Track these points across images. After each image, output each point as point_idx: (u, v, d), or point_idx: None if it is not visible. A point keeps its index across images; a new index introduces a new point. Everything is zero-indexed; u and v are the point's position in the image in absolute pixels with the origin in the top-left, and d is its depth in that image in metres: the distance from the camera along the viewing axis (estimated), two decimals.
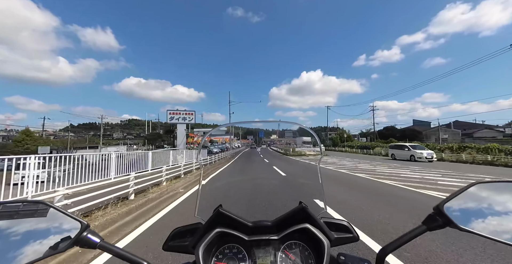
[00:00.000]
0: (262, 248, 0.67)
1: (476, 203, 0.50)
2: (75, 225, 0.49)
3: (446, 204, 0.51)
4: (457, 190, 0.52)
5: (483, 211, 0.48)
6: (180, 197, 5.95)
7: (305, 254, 0.66)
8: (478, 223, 0.48)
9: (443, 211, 0.50)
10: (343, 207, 4.63)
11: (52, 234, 0.46)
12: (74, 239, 0.48)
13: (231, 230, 0.65)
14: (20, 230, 0.44)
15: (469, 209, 0.50)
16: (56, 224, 0.48)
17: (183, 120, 30.42)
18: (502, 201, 0.47)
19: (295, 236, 0.67)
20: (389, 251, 0.53)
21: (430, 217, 0.52)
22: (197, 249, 0.60)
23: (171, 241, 0.67)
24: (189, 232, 0.68)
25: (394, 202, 5.14)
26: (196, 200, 0.77)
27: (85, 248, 0.49)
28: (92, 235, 0.50)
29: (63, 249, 0.46)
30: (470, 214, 0.49)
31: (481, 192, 0.50)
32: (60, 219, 0.49)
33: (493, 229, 0.46)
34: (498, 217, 0.46)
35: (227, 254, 0.66)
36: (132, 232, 3.46)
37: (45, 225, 0.47)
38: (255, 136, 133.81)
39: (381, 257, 0.54)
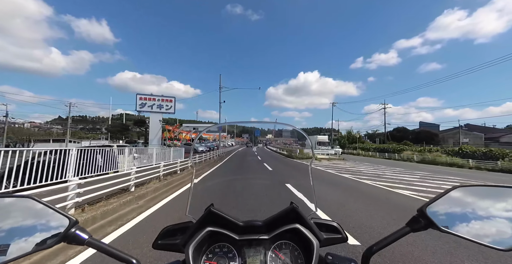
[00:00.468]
0: (252, 248, 0.69)
1: (457, 206, 0.53)
2: (63, 221, 0.50)
3: (429, 206, 0.53)
4: (440, 193, 0.54)
5: (463, 213, 0.51)
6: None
7: (294, 254, 0.68)
8: (459, 225, 0.51)
9: (426, 213, 0.53)
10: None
11: (40, 229, 0.48)
12: (62, 235, 0.49)
13: (222, 229, 0.67)
14: (7, 224, 0.45)
15: (451, 211, 0.52)
16: (44, 219, 0.49)
17: (158, 109, 21.12)
18: (482, 205, 0.50)
19: (286, 236, 0.69)
20: (375, 251, 0.55)
21: (414, 219, 0.55)
22: (187, 247, 0.62)
23: (161, 239, 0.68)
24: (179, 230, 0.69)
25: None
26: (188, 199, 0.78)
27: (73, 245, 0.51)
28: (80, 232, 0.52)
29: (50, 244, 0.48)
30: (451, 217, 0.52)
31: (462, 195, 0.53)
32: (48, 214, 0.50)
33: (472, 231, 0.49)
34: (478, 220, 0.49)
35: (218, 253, 0.68)
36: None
37: (33, 220, 0.48)
38: (250, 134, 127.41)
39: (366, 257, 0.56)
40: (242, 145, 73.73)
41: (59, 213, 0.51)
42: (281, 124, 0.93)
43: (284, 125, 0.80)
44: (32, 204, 0.49)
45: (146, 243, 2.95)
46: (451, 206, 0.53)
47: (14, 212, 0.47)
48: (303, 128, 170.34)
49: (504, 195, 0.50)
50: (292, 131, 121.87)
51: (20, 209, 0.48)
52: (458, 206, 0.53)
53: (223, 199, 5.47)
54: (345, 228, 2.91)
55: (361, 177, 10.09)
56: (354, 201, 5.49)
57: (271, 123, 1.28)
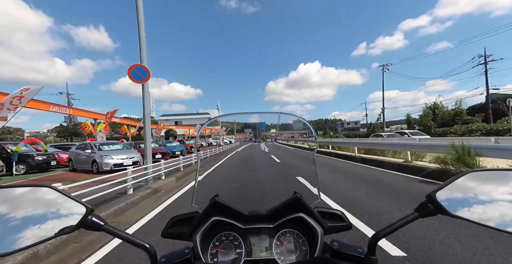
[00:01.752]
0: (257, 236, 0.71)
1: (469, 191, 0.51)
2: (81, 209, 0.54)
3: (438, 192, 0.53)
4: (450, 179, 0.53)
5: (476, 199, 0.50)
6: None
7: (299, 242, 0.70)
8: (470, 210, 0.50)
9: (435, 199, 0.52)
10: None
11: (59, 216, 0.51)
12: (80, 221, 0.52)
13: (227, 218, 0.69)
14: (28, 212, 0.48)
15: (462, 196, 0.52)
16: (63, 207, 0.52)
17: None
18: (494, 189, 0.49)
19: (290, 224, 0.70)
20: (381, 236, 0.56)
21: (422, 205, 0.54)
22: (194, 236, 0.65)
23: (169, 229, 0.71)
24: (186, 220, 0.72)
25: None
26: (194, 190, 0.83)
27: (90, 230, 0.54)
28: (96, 219, 0.55)
29: (70, 230, 0.51)
30: (462, 202, 0.51)
31: (474, 180, 0.52)
32: (67, 203, 0.53)
33: (484, 215, 0.48)
34: (490, 204, 0.48)
35: (224, 241, 0.70)
36: None
37: (53, 208, 0.51)
38: (254, 130, 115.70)
39: (373, 243, 0.56)
40: (245, 142, 60.35)
41: (76, 201, 0.54)
42: (285, 114, 0.98)
43: (288, 118, 0.79)
44: (50, 193, 0.52)
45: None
46: (462, 191, 0.52)
47: (34, 200, 0.50)
48: (302, 122, 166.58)
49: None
50: (299, 123, 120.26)
51: (40, 197, 0.51)
52: (469, 191, 0.52)
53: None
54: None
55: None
56: None
57: (275, 113, 1.17)
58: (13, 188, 0.50)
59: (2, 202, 0.47)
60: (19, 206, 0.48)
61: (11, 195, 0.49)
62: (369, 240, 0.56)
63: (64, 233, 0.50)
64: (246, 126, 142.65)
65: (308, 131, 71.16)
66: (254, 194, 5.19)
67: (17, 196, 0.49)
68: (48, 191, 0.52)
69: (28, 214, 0.48)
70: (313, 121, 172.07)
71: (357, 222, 3.24)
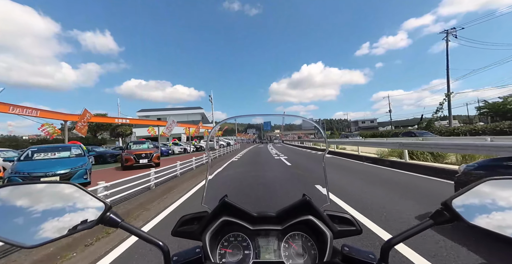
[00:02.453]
0: (265, 238, 0.70)
1: (486, 200, 0.50)
2: (100, 206, 0.56)
3: (454, 199, 0.52)
4: (467, 186, 0.52)
5: (493, 207, 0.49)
6: None
7: (307, 245, 0.69)
8: (487, 218, 0.48)
9: (451, 207, 0.51)
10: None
11: (81, 212, 0.53)
12: (99, 218, 0.54)
13: (236, 219, 0.69)
14: (54, 208, 0.51)
15: (479, 205, 0.50)
16: (83, 204, 0.55)
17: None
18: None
19: (299, 227, 0.70)
20: (394, 243, 0.55)
21: (438, 212, 0.53)
22: (204, 235, 0.65)
23: (179, 227, 0.71)
24: (196, 219, 0.72)
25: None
26: (203, 190, 0.83)
27: (108, 227, 0.56)
28: (114, 216, 0.56)
29: (90, 226, 0.53)
30: (479, 210, 0.50)
31: (492, 188, 0.50)
32: (87, 199, 0.55)
33: (502, 224, 0.46)
34: (509, 213, 0.47)
35: (232, 242, 0.70)
36: None
37: (75, 204, 0.54)
38: (257, 130, 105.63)
39: (385, 249, 0.55)
40: (248, 144, 51.29)
41: (96, 198, 0.56)
42: (289, 116, 0.88)
43: (292, 118, 0.76)
44: (73, 190, 0.54)
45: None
46: (480, 199, 0.51)
47: (58, 197, 0.52)
48: (308, 122, 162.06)
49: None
50: (305, 123, 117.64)
51: (63, 194, 0.53)
52: (488, 199, 0.50)
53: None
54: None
55: None
56: None
57: (279, 115, 1.01)
58: (37, 184, 0.52)
59: (27, 197, 0.49)
60: (42, 201, 0.50)
61: (36, 191, 0.51)
62: (382, 246, 0.55)
63: (85, 229, 0.52)
64: (249, 127, 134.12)
65: (318, 133, 67.22)
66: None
67: (41, 192, 0.51)
68: (70, 188, 0.54)
69: (50, 209, 0.50)
70: (317, 121, 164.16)
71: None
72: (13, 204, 0.47)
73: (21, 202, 0.48)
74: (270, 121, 54.05)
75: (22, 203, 0.48)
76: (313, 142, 28.65)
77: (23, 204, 0.48)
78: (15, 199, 0.48)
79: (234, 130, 61.46)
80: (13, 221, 0.46)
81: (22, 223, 0.46)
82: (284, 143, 51.05)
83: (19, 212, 0.47)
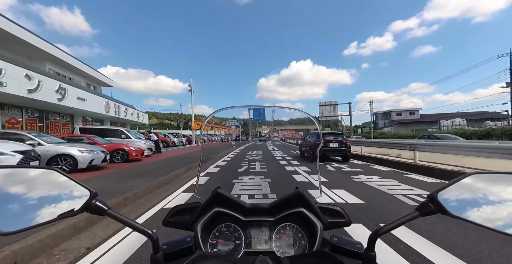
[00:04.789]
0: (257, 228, 0.71)
1: (471, 193, 0.52)
2: (85, 193, 0.54)
3: (440, 192, 0.54)
4: (452, 180, 0.54)
5: (476, 200, 0.51)
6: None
7: (298, 236, 0.70)
8: (470, 211, 0.50)
9: (436, 199, 0.53)
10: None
11: (64, 199, 0.51)
12: (83, 205, 0.53)
13: (228, 210, 0.70)
14: (35, 194, 0.48)
15: (463, 198, 0.52)
16: (68, 191, 0.53)
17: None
18: (496, 192, 0.50)
19: (290, 219, 0.71)
20: (381, 234, 0.56)
21: (423, 204, 0.55)
22: (195, 225, 0.66)
23: (171, 218, 0.71)
24: (188, 210, 0.72)
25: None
26: (196, 181, 0.86)
27: (94, 214, 0.54)
28: (100, 203, 0.55)
29: (74, 213, 0.51)
30: (463, 203, 0.52)
31: (476, 182, 0.53)
32: (71, 186, 0.53)
33: (483, 216, 0.49)
34: (491, 206, 0.49)
35: (224, 232, 0.71)
36: None
37: (57, 191, 0.51)
38: (245, 125, 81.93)
39: (372, 239, 0.57)
40: (226, 147, 23.95)
41: (81, 185, 0.54)
42: (282, 107, 0.93)
43: (281, 114, 0.73)
44: (55, 176, 0.52)
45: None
46: (464, 192, 0.53)
47: (40, 183, 0.50)
48: (298, 118, 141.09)
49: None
50: (300, 120, 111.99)
51: (45, 180, 0.51)
52: (471, 192, 0.52)
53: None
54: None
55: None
56: None
57: (270, 106, 1.33)
58: (21, 169, 0.49)
59: (9, 182, 0.46)
60: (25, 187, 0.48)
61: (18, 176, 0.48)
62: (369, 236, 0.57)
63: (68, 216, 0.50)
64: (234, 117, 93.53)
65: (319, 130, 59.09)
66: None
67: (24, 177, 0.49)
68: (54, 174, 0.52)
69: (33, 196, 0.48)
70: (306, 119, 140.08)
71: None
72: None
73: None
74: (264, 108, 32.50)
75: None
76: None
77: (0, 188, 0.45)
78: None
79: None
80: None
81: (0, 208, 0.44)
82: (285, 141, 41.54)
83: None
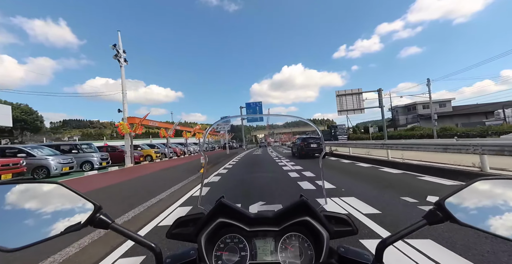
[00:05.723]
0: (262, 239, 0.70)
1: (478, 199, 0.51)
2: (89, 207, 0.53)
3: (447, 199, 0.52)
4: (459, 186, 0.53)
5: (485, 207, 0.50)
6: None
7: (304, 246, 0.69)
8: (479, 218, 0.49)
9: (444, 206, 0.52)
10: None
11: (68, 213, 0.51)
12: (88, 219, 0.52)
13: (232, 220, 0.68)
14: (37, 209, 0.48)
15: (471, 204, 0.51)
16: (72, 204, 0.52)
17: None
18: (505, 198, 0.49)
19: (296, 228, 0.70)
20: (388, 243, 0.55)
21: (431, 212, 0.54)
22: (199, 237, 0.64)
23: (174, 230, 0.70)
24: (192, 221, 0.71)
25: None
26: (200, 191, 0.85)
27: (98, 228, 0.53)
28: (104, 217, 0.54)
29: (78, 227, 0.51)
30: (471, 210, 0.51)
31: (484, 188, 0.51)
32: (75, 200, 0.53)
33: (494, 224, 0.47)
34: (501, 213, 0.48)
35: (229, 243, 0.69)
36: None
37: (61, 205, 0.51)
38: (236, 131, 72.78)
39: (380, 249, 0.56)
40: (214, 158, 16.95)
41: (85, 199, 0.54)
42: (276, 115, 0.93)
43: (276, 118, 0.73)
44: (60, 190, 0.52)
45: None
46: (472, 199, 0.52)
47: (44, 197, 0.50)
48: (293, 122, 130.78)
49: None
50: (295, 123, 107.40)
51: (49, 194, 0.51)
52: (480, 199, 0.51)
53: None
54: None
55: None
56: None
57: (275, 115, 0.91)
58: (23, 184, 0.49)
59: (8, 197, 0.46)
60: (28, 202, 0.47)
61: (21, 191, 0.48)
62: (377, 247, 0.56)
63: (72, 231, 0.50)
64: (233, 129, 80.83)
65: (321, 137, 50.57)
66: None
67: (26, 192, 0.49)
68: (58, 188, 0.52)
69: (36, 211, 0.47)
70: (300, 122, 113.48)
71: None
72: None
73: (2, 203, 0.45)
74: (261, 102, 34.51)
75: (2, 204, 0.45)
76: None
77: (4, 205, 0.45)
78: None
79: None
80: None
81: (2, 225, 0.44)
82: (284, 146, 35.20)
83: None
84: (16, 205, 0.46)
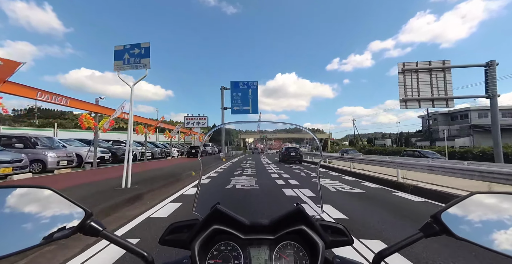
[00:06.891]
0: (257, 247, 0.69)
1: (474, 213, 0.52)
2: (79, 213, 0.51)
3: (443, 212, 0.53)
4: (455, 200, 0.54)
5: (481, 221, 0.50)
6: None
7: (299, 255, 0.68)
8: (475, 232, 0.49)
9: (441, 219, 0.52)
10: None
11: (57, 220, 0.48)
12: (78, 226, 0.50)
13: (227, 227, 0.67)
14: (25, 214, 0.45)
15: (467, 218, 0.52)
16: (61, 210, 0.50)
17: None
18: (500, 212, 0.49)
19: (291, 237, 0.69)
20: (385, 256, 0.55)
21: (427, 225, 0.54)
22: (193, 244, 0.63)
23: (168, 236, 0.69)
24: (186, 227, 0.70)
25: None
26: (195, 197, 0.80)
27: (88, 235, 0.52)
28: (95, 223, 0.52)
29: (67, 234, 0.49)
30: (467, 224, 0.51)
31: (480, 202, 0.52)
32: (65, 206, 0.51)
33: (489, 239, 0.48)
34: (496, 229, 0.48)
35: (223, 251, 0.68)
36: None
37: (50, 211, 0.49)
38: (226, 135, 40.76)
39: (376, 261, 0.55)
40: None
41: (75, 204, 0.52)
42: (270, 122, 0.61)
43: (267, 125, 0.72)
44: (49, 195, 0.50)
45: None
46: (468, 213, 0.52)
47: (32, 202, 0.48)
48: (284, 129, 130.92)
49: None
50: (285, 129, 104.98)
51: (38, 199, 0.49)
52: (475, 213, 0.52)
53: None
54: None
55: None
56: None
57: (274, 122, 1.45)
58: (12, 189, 0.47)
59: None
60: (17, 208, 0.45)
61: (9, 196, 0.46)
62: (373, 258, 0.56)
63: (62, 237, 0.48)
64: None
65: (314, 144, 49.37)
66: None
67: (15, 197, 0.47)
68: (48, 193, 0.50)
69: (26, 216, 0.45)
70: (291, 130, 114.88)
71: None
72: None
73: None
74: (256, 82, 22.75)
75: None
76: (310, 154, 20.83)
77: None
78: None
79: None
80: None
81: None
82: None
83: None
84: (3, 210, 0.44)
